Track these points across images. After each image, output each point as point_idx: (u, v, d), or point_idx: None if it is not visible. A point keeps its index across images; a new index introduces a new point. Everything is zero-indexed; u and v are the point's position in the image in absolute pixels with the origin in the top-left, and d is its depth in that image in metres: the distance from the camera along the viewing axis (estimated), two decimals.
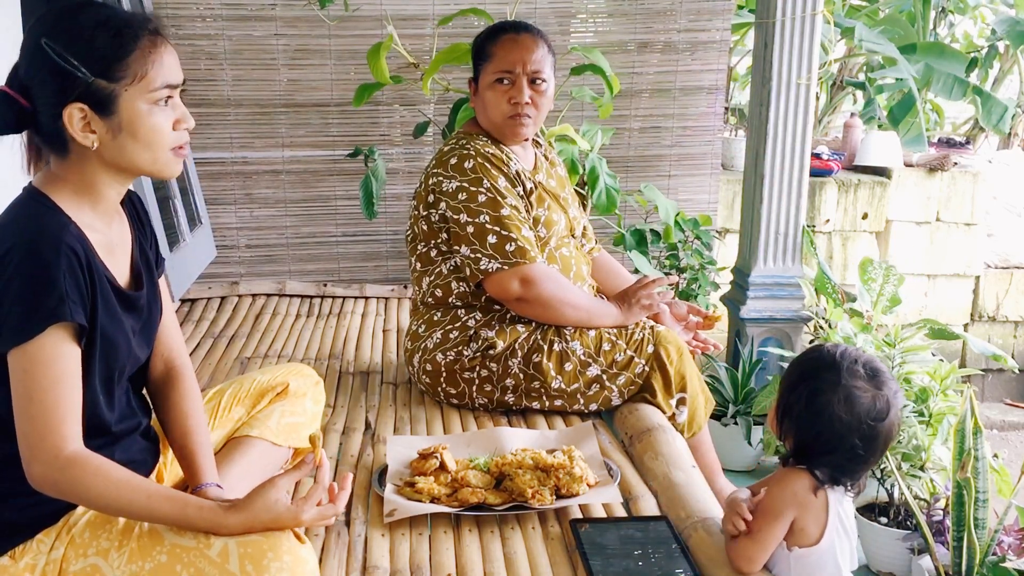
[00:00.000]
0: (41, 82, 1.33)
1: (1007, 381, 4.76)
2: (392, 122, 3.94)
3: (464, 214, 2.26)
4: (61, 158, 1.38)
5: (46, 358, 1.30)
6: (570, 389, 2.31)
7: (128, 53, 1.34)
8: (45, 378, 1.29)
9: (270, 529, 1.34)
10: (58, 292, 1.28)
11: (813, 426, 1.57)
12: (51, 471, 1.30)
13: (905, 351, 2.72)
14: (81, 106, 1.32)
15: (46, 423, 1.29)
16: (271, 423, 1.82)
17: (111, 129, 1.35)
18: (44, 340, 1.29)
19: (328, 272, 3.99)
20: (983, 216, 4.70)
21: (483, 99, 2.35)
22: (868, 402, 1.56)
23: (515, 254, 2.24)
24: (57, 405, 1.30)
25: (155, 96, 1.36)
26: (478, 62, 2.37)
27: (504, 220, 2.25)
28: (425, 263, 2.40)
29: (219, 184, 3.90)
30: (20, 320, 1.28)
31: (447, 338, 2.35)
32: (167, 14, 3.66)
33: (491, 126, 2.37)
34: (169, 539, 1.35)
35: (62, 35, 1.32)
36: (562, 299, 2.28)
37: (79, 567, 1.36)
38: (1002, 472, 2.48)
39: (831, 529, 1.57)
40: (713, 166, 4.14)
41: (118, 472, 1.33)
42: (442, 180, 2.31)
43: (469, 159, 2.29)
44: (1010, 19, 5.26)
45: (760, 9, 3.42)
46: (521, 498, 1.81)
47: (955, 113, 6.50)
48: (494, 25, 2.45)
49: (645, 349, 2.31)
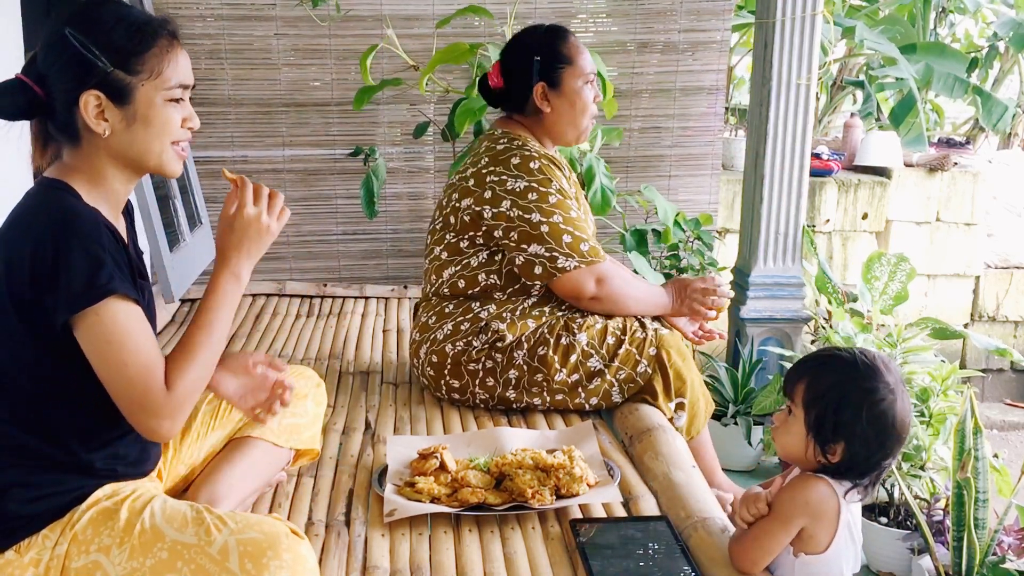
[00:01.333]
0: (60, 70, 1.38)
1: (1007, 381, 4.76)
2: (392, 122, 3.94)
3: (537, 213, 2.30)
4: (72, 147, 1.42)
5: (122, 320, 1.34)
6: (571, 381, 2.32)
7: (147, 49, 1.40)
8: (132, 338, 1.35)
9: (257, 244, 1.48)
10: (108, 267, 1.34)
11: (877, 435, 1.54)
12: (169, 415, 1.37)
13: (907, 351, 2.72)
14: (97, 93, 1.37)
15: (148, 378, 1.35)
16: (272, 423, 1.82)
17: (125, 118, 1.40)
18: (114, 305, 1.34)
19: (328, 271, 3.99)
20: (983, 216, 4.70)
21: (570, 100, 2.40)
22: (904, 403, 1.56)
23: (590, 253, 2.32)
24: (149, 357, 1.36)
25: (169, 94, 1.42)
26: (556, 65, 2.39)
27: (575, 221, 2.33)
28: (452, 253, 2.42)
29: (219, 183, 3.89)
30: (83, 287, 1.31)
31: (458, 329, 2.37)
32: (168, 14, 3.67)
33: (566, 125, 2.43)
34: (170, 536, 1.36)
35: (85, 26, 1.38)
36: (628, 293, 2.39)
37: (81, 563, 1.37)
38: (1002, 472, 2.49)
39: (840, 538, 1.56)
40: (714, 167, 4.13)
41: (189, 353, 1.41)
42: (506, 178, 2.33)
43: (534, 160, 2.35)
44: (1011, 21, 5.25)
45: (760, 9, 3.42)
46: (521, 498, 1.81)
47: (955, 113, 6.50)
48: (551, 28, 2.47)
49: (647, 350, 2.33)
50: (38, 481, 1.38)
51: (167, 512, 1.40)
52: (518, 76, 2.43)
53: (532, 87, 2.39)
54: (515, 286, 2.39)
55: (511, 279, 2.39)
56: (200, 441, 1.77)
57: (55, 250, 1.31)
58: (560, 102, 2.40)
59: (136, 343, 1.35)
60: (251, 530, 1.36)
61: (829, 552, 1.56)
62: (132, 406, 1.37)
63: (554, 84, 2.40)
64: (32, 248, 1.32)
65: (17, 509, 1.37)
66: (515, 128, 2.46)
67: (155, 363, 1.37)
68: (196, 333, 1.44)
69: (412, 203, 4.03)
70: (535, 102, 2.41)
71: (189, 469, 1.76)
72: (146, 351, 1.36)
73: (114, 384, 1.36)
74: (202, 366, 1.42)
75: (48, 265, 1.31)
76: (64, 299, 1.31)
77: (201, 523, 1.38)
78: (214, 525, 1.37)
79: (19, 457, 1.39)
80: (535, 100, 2.40)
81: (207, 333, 1.44)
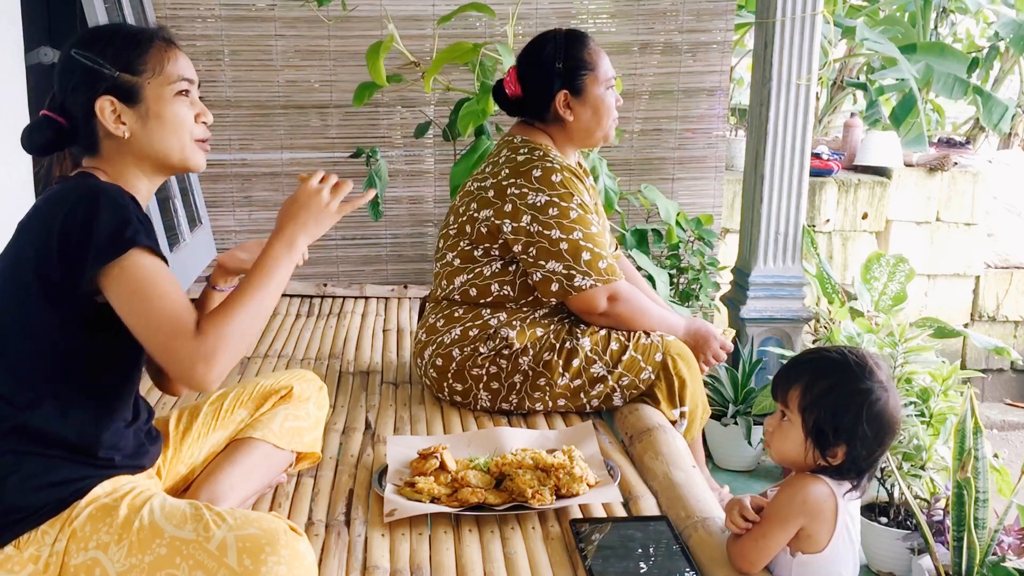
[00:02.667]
0: (74, 89, 1.47)
1: (1007, 381, 4.76)
2: (392, 123, 3.94)
3: (557, 230, 2.26)
4: (93, 156, 1.50)
5: (148, 271, 1.38)
6: (574, 385, 2.31)
7: (146, 51, 1.49)
8: (157, 287, 1.37)
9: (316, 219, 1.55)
10: (134, 225, 1.38)
11: (877, 435, 1.54)
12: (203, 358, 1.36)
13: (908, 351, 2.72)
14: (110, 98, 1.46)
15: (175, 323, 1.36)
16: (274, 426, 1.83)
17: (140, 117, 1.48)
18: (139, 257, 1.37)
19: (327, 276, 3.97)
20: (983, 216, 4.70)
21: (594, 107, 2.35)
22: (895, 398, 1.57)
23: (607, 271, 2.29)
24: (175, 305, 1.38)
25: (175, 88, 1.50)
26: (579, 72, 2.33)
27: (595, 237, 2.28)
28: (465, 261, 2.38)
29: (218, 187, 3.90)
30: (108, 241, 1.35)
31: (466, 335, 2.35)
32: (167, 14, 3.66)
33: (592, 130, 2.38)
34: (169, 532, 1.36)
35: (88, 44, 1.49)
36: (640, 314, 2.35)
37: (80, 560, 1.37)
38: (1002, 472, 2.49)
39: (838, 538, 1.55)
40: (717, 168, 4.12)
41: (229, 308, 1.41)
42: (527, 192, 2.28)
43: (555, 173, 2.29)
44: (1012, 22, 5.25)
45: (760, 9, 3.42)
46: (521, 498, 1.81)
47: (955, 113, 6.51)
48: (569, 33, 2.40)
49: (652, 356, 2.31)
50: (37, 470, 1.38)
51: (166, 509, 1.40)
52: (538, 83, 2.35)
53: (554, 95, 2.33)
54: (528, 298, 2.35)
55: (524, 291, 2.35)
56: (201, 441, 1.77)
57: (86, 215, 1.36)
58: (583, 110, 2.35)
59: (161, 291, 1.37)
60: (249, 526, 1.36)
61: (827, 552, 1.55)
62: (163, 354, 1.37)
63: (577, 92, 2.34)
64: (63, 217, 1.37)
65: (16, 500, 1.37)
66: (536, 136, 2.39)
67: (182, 310, 1.38)
68: (239, 294, 1.45)
69: (412, 207, 4.02)
70: (556, 110, 2.34)
71: (189, 469, 1.76)
72: (172, 299, 1.38)
73: (143, 333, 1.37)
74: (239, 322, 1.41)
75: (78, 229, 1.36)
76: (92, 255, 1.35)
77: (200, 519, 1.38)
78: (213, 521, 1.37)
79: (17, 443, 1.39)
80: (556, 108, 2.34)
81: (251, 293, 1.44)
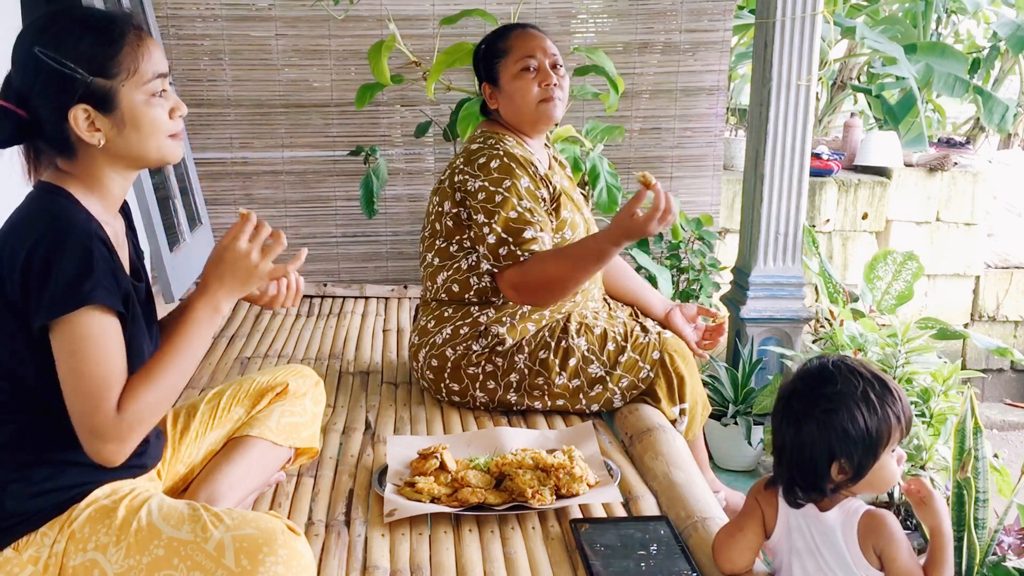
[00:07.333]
0: (40, 90, 1.37)
1: (1007, 381, 4.76)
2: (392, 122, 3.94)
3: (481, 215, 2.27)
4: (68, 160, 1.42)
5: (93, 333, 1.32)
6: (572, 386, 2.31)
7: (119, 50, 1.39)
8: (96, 352, 1.32)
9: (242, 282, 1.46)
10: (95, 277, 1.32)
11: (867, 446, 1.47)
12: (115, 439, 1.33)
13: (910, 352, 2.72)
14: (85, 107, 1.37)
15: (100, 396, 1.31)
16: (271, 423, 1.83)
17: (115, 124, 1.40)
18: (89, 316, 1.31)
19: (328, 273, 3.99)
20: (983, 216, 4.70)
21: (508, 93, 2.36)
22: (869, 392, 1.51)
23: (506, 257, 2.24)
24: (109, 374, 1.32)
25: (150, 88, 1.41)
26: (493, 61, 2.38)
27: (510, 222, 2.24)
28: (444, 258, 2.39)
29: (219, 185, 3.90)
30: (64, 294, 1.30)
31: (457, 333, 2.35)
32: (167, 14, 3.67)
33: (521, 118, 2.37)
34: (166, 533, 1.36)
35: (52, 41, 1.37)
36: (548, 277, 2.19)
37: (79, 561, 1.37)
38: (1002, 472, 2.48)
39: (779, 527, 1.55)
40: (715, 167, 4.13)
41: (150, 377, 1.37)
42: (468, 179, 2.31)
43: (496, 159, 2.29)
44: (1012, 23, 5.25)
45: (760, 9, 3.42)
46: (521, 498, 1.81)
47: (956, 113, 6.51)
48: (499, 28, 2.47)
49: (650, 355, 2.31)
50: (36, 476, 1.38)
51: (164, 510, 1.40)
52: (479, 82, 2.45)
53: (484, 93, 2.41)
54: None
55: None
56: (199, 440, 1.77)
57: (46, 257, 1.31)
58: (502, 97, 2.38)
59: (99, 357, 1.32)
60: (247, 526, 1.36)
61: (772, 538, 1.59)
62: (79, 422, 1.33)
63: (494, 81, 2.38)
64: (26, 253, 1.32)
65: (16, 506, 1.37)
66: (494, 127, 2.43)
67: (113, 381, 1.33)
68: (161, 357, 1.40)
69: (412, 205, 4.02)
70: (491, 104, 2.41)
71: (188, 469, 1.76)
72: (107, 367, 1.32)
73: (69, 394, 1.33)
74: (161, 391, 1.37)
75: (38, 271, 1.31)
76: (46, 304, 1.30)
77: (197, 520, 1.38)
78: (210, 522, 1.37)
79: (17, 450, 1.39)
80: (487, 101, 2.41)
81: (172, 358, 1.40)
